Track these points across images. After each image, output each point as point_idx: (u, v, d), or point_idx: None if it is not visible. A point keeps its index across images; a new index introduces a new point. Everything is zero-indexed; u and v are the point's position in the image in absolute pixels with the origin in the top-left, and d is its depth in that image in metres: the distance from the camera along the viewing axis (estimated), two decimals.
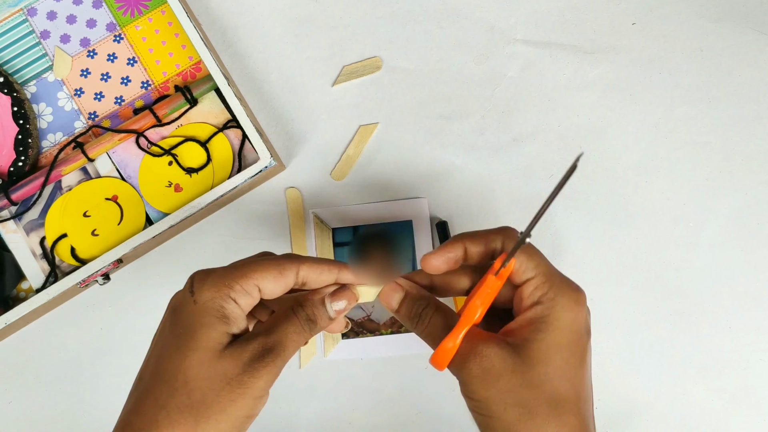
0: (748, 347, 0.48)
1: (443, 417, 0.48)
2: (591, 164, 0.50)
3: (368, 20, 0.52)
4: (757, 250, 0.48)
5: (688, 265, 0.49)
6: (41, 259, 0.48)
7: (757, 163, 0.49)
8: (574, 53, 0.51)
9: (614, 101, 0.50)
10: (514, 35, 0.51)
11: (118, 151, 0.49)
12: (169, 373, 0.31)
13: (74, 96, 0.50)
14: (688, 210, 0.49)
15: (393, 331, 0.49)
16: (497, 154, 0.50)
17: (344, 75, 0.51)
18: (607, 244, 0.49)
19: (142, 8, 0.51)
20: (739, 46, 0.50)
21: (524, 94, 0.51)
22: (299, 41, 0.52)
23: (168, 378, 0.31)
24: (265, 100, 0.51)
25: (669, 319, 0.48)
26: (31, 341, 0.50)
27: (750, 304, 0.48)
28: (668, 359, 0.48)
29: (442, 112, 0.51)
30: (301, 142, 0.51)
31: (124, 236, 0.47)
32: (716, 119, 0.50)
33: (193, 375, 0.31)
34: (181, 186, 0.48)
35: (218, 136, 0.49)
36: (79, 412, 0.49)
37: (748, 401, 0.47)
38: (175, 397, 0.30)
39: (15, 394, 0.49)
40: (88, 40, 0.50)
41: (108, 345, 0.50)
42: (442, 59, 0.51)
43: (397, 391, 0.48)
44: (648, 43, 0.51)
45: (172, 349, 0.32)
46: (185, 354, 0.31)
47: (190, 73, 0.50)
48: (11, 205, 0.47)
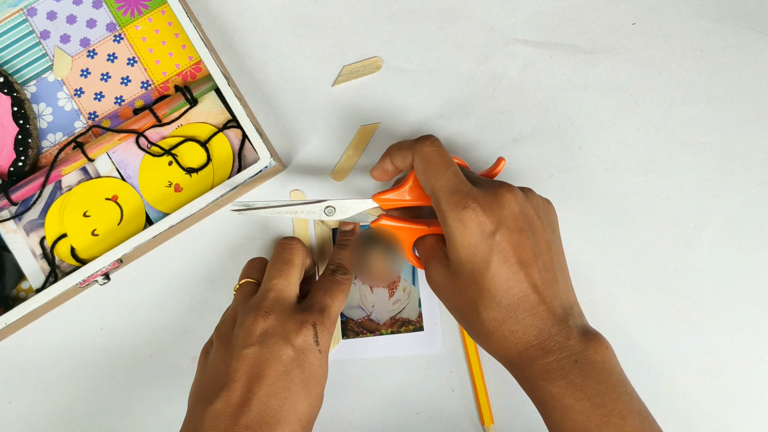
0: (748, 347, 0.48)
1: (443, 417, 0.48)
2: (591, 164, 0.50)
3: (368, 20, 0.52)
4: (757, 250, 0.48)
5: (688, 265, 0.49)
6: (41, 259, 0.48)
7: (757, 163, 0.49)
8: (574, 53, 0.51)
9: (614, 101, 0.50)
10: (514, 35, 0.51)
11: (118, 151, 0.49)
12: (301, 413, 0.38)
13: (74, 96, 0.50)
14: (688, 210, 0.49)
15: (393, 331, 0.49)
16: (497, 154, 0.50)
17: (344, 75, 0.51)
18: (607, 244, 0.49)
19: (142, 8, 0.51)
20: (739, 46, 0.50)
21: (524, 94, 0.51)
22: (299, 41, 0.52)
23: (300, 417, 0.38)
24: (265, 100, 0.51)
25: (669, 319, 0.48)
26: (31, 341, 0.50)
27: (750, 304, 0.48)
28: (668, 359, 0.48)
29: (442, 112, 0.51)
30: (301, 142, 0.51)
31: (124, 236, 0.47)
32: (716, 119, 0.50)
33: (314, 416, 0.39)
34: (181, 186, 0.48)
35: (218, 136, 0.49)
36: (79, 412, 0.49)
37: (748, 401, 0.47)
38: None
39: (15, 394, 0.49)
40: (88, 40, 0.50)
41: (108, 345, 0.50)
42: (442, 59, 0.51)
43: (397, 391, 0.48)
44: (648, 43, 0.51)
45: (303, 393, 0.38)
46: (314, 398, 0.39)
47: (190, 73, 0.50)
48: (11, 205, 0.47)
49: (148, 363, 0.49)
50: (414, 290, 0.49)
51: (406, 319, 0.49)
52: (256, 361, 0.38)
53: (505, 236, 0.37)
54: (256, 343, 0.38)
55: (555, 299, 0.38)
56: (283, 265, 0.42)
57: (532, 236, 0.39)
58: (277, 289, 0.41)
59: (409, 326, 0.49)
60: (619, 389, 0.37)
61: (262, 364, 0.38)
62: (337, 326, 0.49)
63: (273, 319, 0.39)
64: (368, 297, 0.49)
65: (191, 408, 0.39)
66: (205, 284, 0.50)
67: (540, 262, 0.38)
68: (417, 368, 0.49)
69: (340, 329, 0.49)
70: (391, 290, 0.49)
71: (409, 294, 0.49)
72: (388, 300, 0.49)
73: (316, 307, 0.41)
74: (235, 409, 0.36)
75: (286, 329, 0.39)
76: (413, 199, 0.44)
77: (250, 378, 0.37)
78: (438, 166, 0.40)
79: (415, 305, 0.49)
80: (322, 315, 0.40)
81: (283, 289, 0.41)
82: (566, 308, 0.39)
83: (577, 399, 0.36)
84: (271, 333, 0.39)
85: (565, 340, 0.37)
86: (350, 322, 0.49)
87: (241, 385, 0.37)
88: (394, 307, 0.49)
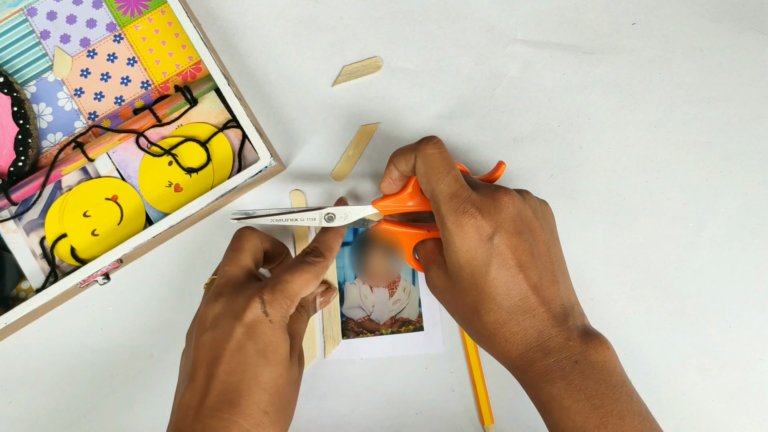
0: (748, 347, 0.48)
1: (443, 417, 0.48)
2: (591, 164, 0.50)
3: (368, 20, 0.52)
4: (757, 250, 0.48)
5: (688, 265, 0.49)
6: (41, 259, 0.48)
7: (757, 163, 0.49)
8: (574, 53, 0.51)
9: (614, 101, 0.50)
10: (514, 35, 0.51)
11: (118, 151, 0.49)
12: (263, 382, 0.37)
13: (74, 96, 0.50)
14: (688, 210, 0.49)
15: (393, 331, 0.49)
16: (497, 154, 0.50)
17: (344, 75, 0.51)
18: (607, 244, 0.49)
19: (142, 8, 0.51)
20: (739, 46, 0.50)
21: (524, 94, 0.51)
22: (299, 41, 0.52)
23: (264, 387, 0.37)
24: (265, 100, 0.51)
25: (669, 319, 0.48)
26: (31, 341, 0.50)
27: (750, 304, 0.48)
28: (668, 359, 0.48)
29: (442, 112, 0.51)
30: (301, 142, 0.51)
31: (124, 236, 0.47)
32: (716, 119, 0.50)
33: (281, 383, 0.38)
34: (181, 186, 0.48)
35: (218, 136, 0.49)
36: (79, 412, 0.49)
37: (748, 401, 0.47)
38: (273, 403, 0.38)
39: (15, 394, 0.49)
40: (88, 40, 0.50)
41: (108, 345, 0.50)
42: (442, 59, 0.51)
43: (397, 391, 0.48)
44: (648, 43, 0.51)
45: (261, 363, 0.38)
46: (274, 367, 0.38)
47: (190, 73, 0.50)
48: (11, 205, 0.47)
49: (148, 363, 0.49)
50: (414, 290, 0.49)
51: (406, 319, 0.49)
52: (212, 344, 0.38)
53: (504, 239, 0.38)
54: (209, 329, 0.39)
55: (555, 300, 0.38)
56: (231, 252, 0.43)
57: (530, 238, 0.39)
58: (225, 274, 0.41)
59: (409, 326, 0.49)
60: (619, 389, 0.37)
61: (217, 346, 0.38)
62: (338, 326, 0.49)
63: (222, 302, 0.39)
64: (368, 297, 0.49)
65: (172, 408, 0.40)
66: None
67: (539, 264, 0.38)
68: (417, 368, 0.49)
69: (340, 330, 0.49)
70: (391, 290, 0.49)
71: (409, 294, 0.49)
72: (388, 300, 0.49)
73: (270, 281, 0.41)
74: (200, 395, 0.37)
75: (234, 308, 0.39)
76: (413, 205, 0.44)
77: (209, 363, 0.38)
78: (439, 170, 0.40)
79: (415, 305, 0.49)
80: (274, 288, 0.40)
81: (230, 272, 0.41)
82: (566, 309, 0.39)
83: (576, 400, 0.36)
84: (222, 315, 0.39)
85: (565, 341, 0.37)
86: (350, 322, 0.49)
87: (203, 372, 0.37)
88: (394, 307, 0.49)
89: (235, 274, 0.41)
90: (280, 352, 0.39)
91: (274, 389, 0.38)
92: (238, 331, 0.38)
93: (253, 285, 0.41)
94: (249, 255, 0.43)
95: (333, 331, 0.49)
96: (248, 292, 0.40)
